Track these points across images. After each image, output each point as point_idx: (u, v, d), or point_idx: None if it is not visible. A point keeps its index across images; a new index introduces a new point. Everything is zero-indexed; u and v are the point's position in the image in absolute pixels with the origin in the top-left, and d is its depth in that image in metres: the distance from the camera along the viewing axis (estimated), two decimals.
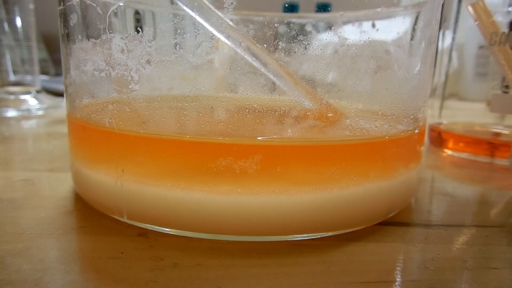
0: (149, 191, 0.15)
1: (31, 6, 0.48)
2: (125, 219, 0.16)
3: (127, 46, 0.15)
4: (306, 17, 0.17)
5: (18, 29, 0.47)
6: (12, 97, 0.47)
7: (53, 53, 0.73)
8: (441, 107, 0.35)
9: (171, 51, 0.15)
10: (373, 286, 0.13)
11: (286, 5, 0.16)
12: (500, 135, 0.32)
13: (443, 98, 0.35)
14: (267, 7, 0.16)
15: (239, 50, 0.14)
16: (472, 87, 0.35)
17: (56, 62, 0.73)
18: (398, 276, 0.13)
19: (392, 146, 0.17)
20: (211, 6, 0.14)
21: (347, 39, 0.15)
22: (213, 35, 0.15)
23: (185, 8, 0.14)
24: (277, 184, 0.14)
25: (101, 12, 0.15)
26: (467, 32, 0.33)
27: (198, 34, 0.15)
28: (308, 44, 0.15)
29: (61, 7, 0.17)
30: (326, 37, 0.15)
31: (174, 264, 0.13)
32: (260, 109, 0.15)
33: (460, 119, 0.36)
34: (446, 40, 0.34)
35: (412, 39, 0.17)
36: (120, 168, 0.15)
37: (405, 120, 0.17)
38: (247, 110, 0.15)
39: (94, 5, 0.15)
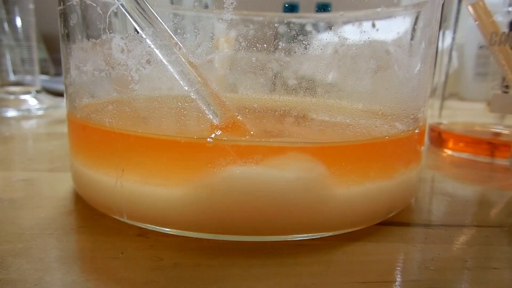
0: (149, 191, 0.15)
1: (31, 6, 0.48)
2: (125, 219, 0.16)
3: (127, 46, 0.15)
4: (306, 17, 0.17)
5: (18, 29, 0.47)
6: (12, 97, 0.47)
7: (53, 53, 0.73)
8: (441, 107, 0.35)
9: (171, 51, 0.15)
10: (373, 286, 0.13)
11: (286, 5, 0.16)
12: (500, 135, 0.32)
13: (443, 98, 0.35)
14: (267, 7, 0.16)
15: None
16: (472, 87, 0.35)
17: (56, 62, 0.73)
18: (398, 276, 0.13)
19: (392, 146, 0.17)
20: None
21: (347, 39, 0.15)
22: (213, 35, 0.15)
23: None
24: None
25: (101, 12, 0.15)
26: (467, 32, 0.33)
27: (198, 34, 0.15)
28: (308, 44, 0.15)
29: (61, 7, 0.17)
30: (326, 37, 0.15)
31: (174, 264, 0.13)
32: (260, 109, 0.15)
33: (460, 119, 0.36)
34: (446, 40, 0.34)
35: (412, 39, 0.17)
36: (120, 168, 0.15)
37: (405, 120, 0.17)
38: (247, 110, 0.15)
39: (94, 5, 0.15)
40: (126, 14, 0.14)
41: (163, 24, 0.14)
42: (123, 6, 0.14)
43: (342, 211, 0.15)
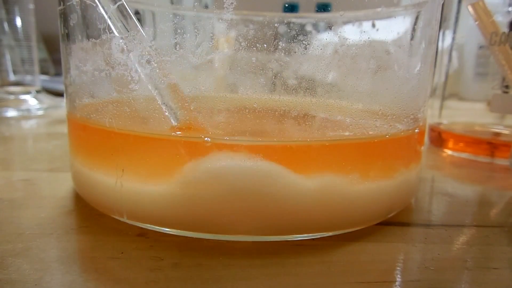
0: (149, 191, 0.15)
1: (31, 6, 0.48)
2: (125, 219, 0.16)
3: (127, 46, 0.15)
4: (306, 17, 0.17)
5: (18, 29, 0.47)
6: (12, 97, 0.47)
7: (53, 53, 0.73)
8: (441, 107, 0.35)
9: (171, 51, 0.15)
10: (373, 286, 0.13)
11: (286, 5, 0.16)
12: (500, 135, 0.32)
13: (443, 98, 0.35)
14: (267, 7, 0.16)
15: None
16: (472, 87, 0.35)
17: (56, 62, 0.73)
18: (398, 276, 0.13)
19: (392, 146, 0.17)
20: None
21: (347, 39, 0.15)
22: (213, 35, 0.15)
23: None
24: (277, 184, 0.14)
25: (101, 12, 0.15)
26: (467, 32, 0.33)
27: (198, 34, 0.15)
28: (308, 44, 0.15)
29: (61, 7, 0.17)
30: (326, 37, 0.15)
31: (174, 264, 0.13)
32: (260, 109, 0.15)
33: (460, 119, 0.36)
34: (446, 40, 0.34)
35: (412, 39, 0.17)
36: (120, 168, 0.15)
37: (405, 120, 0.17)
38: (247, 110, 0.15)
39: (94, 5, 0.15)
40: (101, 10, 0.14)
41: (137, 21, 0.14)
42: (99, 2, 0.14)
43: (342, 211, 0.15)
